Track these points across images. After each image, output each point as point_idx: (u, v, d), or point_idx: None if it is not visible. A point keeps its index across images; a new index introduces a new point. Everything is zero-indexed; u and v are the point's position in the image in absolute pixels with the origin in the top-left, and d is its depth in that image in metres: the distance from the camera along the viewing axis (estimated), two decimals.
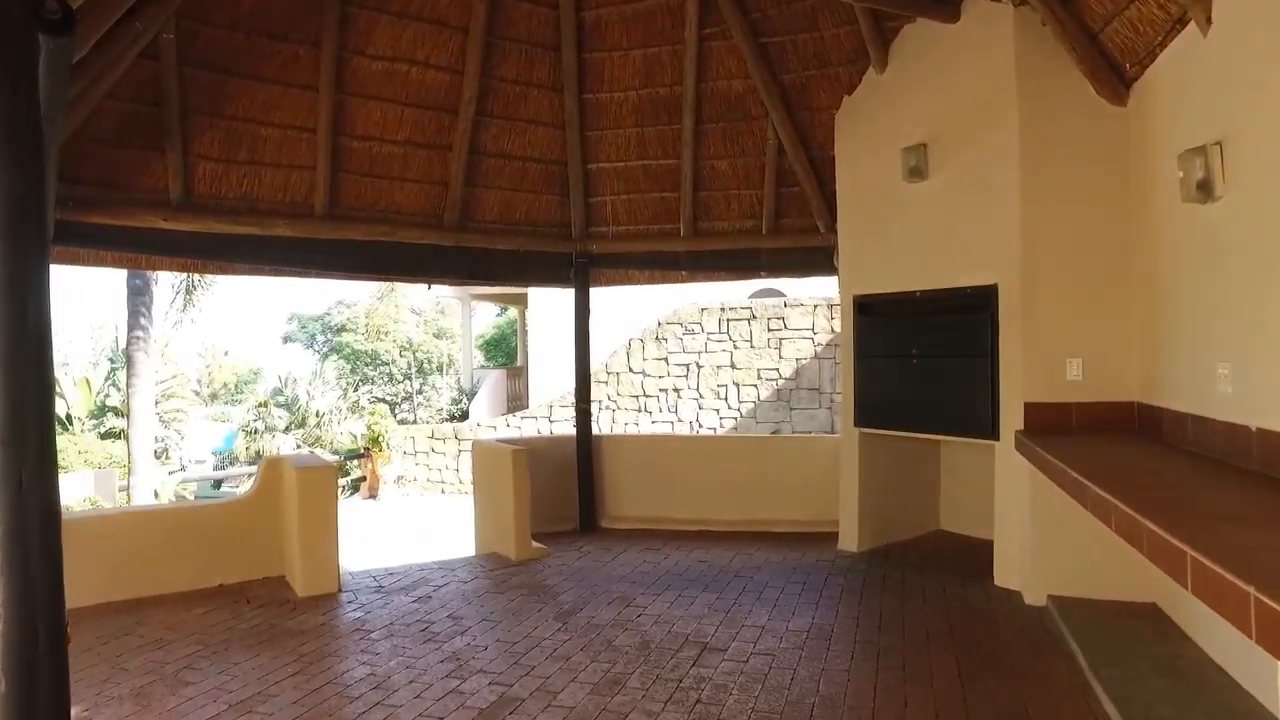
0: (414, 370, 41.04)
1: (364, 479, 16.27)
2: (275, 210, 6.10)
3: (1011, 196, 5.26)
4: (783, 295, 16.50)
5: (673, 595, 5.47)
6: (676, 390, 15.06)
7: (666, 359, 15.15)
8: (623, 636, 4.69)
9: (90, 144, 5.34)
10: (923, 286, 5.93)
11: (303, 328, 49.35)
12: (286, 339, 50.80)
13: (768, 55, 6.61)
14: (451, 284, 8.05)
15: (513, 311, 37.84)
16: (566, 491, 7.54)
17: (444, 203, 6.86)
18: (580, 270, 7.54)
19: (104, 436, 20.24)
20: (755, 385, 14.68)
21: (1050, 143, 5.15)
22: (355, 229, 6.40)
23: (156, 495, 11.31)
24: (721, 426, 14.81)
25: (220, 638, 4.83)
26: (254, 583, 5.91)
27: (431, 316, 43.38)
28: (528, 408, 18.58)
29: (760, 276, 8.36)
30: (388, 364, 40.75)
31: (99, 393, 22.01)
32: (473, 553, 7.34)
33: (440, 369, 39.53)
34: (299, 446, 22.30)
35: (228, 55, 5.59)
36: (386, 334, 39.73)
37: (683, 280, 8.21)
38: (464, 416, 18.81)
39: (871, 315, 6.38)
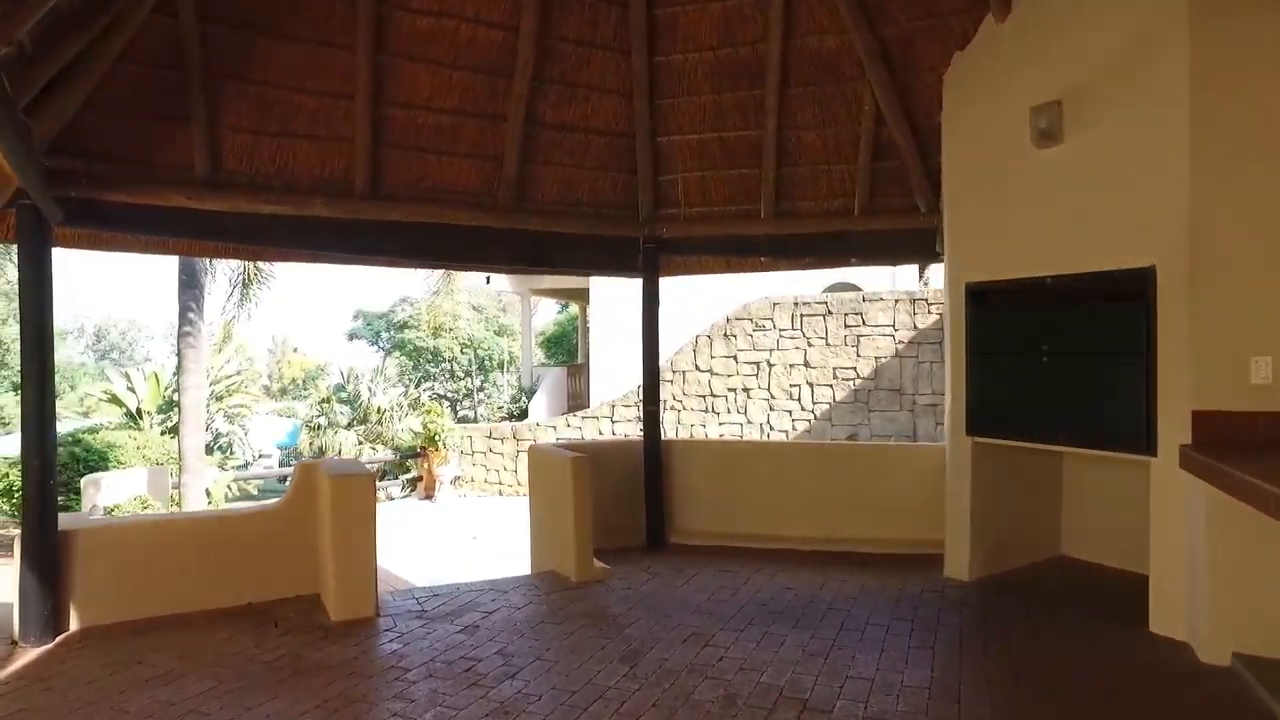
0: (474, 367, 41.00)
1: (420, 479, 15.82)
2: (312, 188, 5.48)
3: (1177, 159, 4.30)
4: (858, 289, 15.49)
5: (757, 632, 4.66)
6: (746, 390, 14.19)
7: (735, 357, 14.30)
8: (703, 687, 3.90)
9: (105, 113, 4.79)
10: (1055, 271, 4.98)
11: (368, 325, 49.94)
12: (352, 335, 51.54)
13: (866, 5, 5.73)
14: (505, 271, 7.34)
15: (574, 307, 37.41)
16: (632, 503, 6.79)
17: (497, 180, 6.16)
18: (649, 256, 6.77)
19: (166, 432, 20.34)
20: (830, 385, 13.72)
21: (1232, 92, 4.17)
22: (399, 209, 5.75)
23: (209, 494, 10.98)
24: (794, 429, 13.89)
25: (239, 671, 4.20)
26: (285, 602, 5.30)
27: (493, 313, 43.33)
28: (588, 407, 17.94)
29: (850, 263, 7.49)
30: (449, 361, 40.82)
31: (167, 387, 22.16)
32: (528, 570, 6.66)
33: (501, 366, 39.36)
34: (360, 443, 22.16)
35: (254, 10, 4.98)
36: (449, 331, 39.75)
37: (762, 269, 7.37)
38: (523, 415, 18.28)
39: (989, 306, 5.45)
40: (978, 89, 5.47)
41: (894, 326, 13.43)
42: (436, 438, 14.80)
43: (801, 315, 13.94)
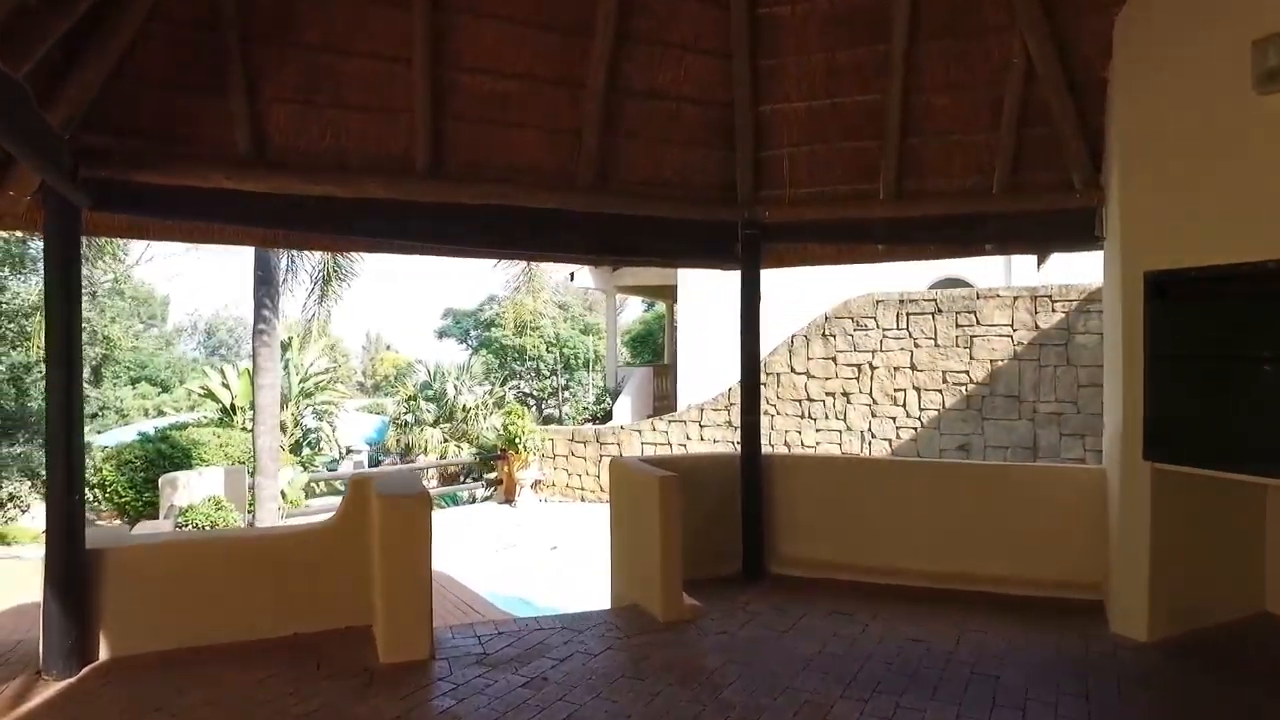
0: (560, 366, 40.83)
1: (500, 482, 15.34)
2: (367, 167, 4.84)
3: None
4: (969, 285, 14.19)
5: (886, 704, 3.75)
6: (845, 394, 13.12)
7: (834, 358, 13.24)
8: None
9: (135, 83, 4.25)
10: None
11: (457, 323, 50.56)
12: (442, 334, 52.31)
13: None
14: (583, 261, 6.56)
15: (660, 306, 36.73)
16: (727, 525, 5.95)
17: (575, 157, 5.40)
18: (749, 244, 5.90)
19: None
20: (939, 391, 12.51)
21: None
22: (464, 190, 5.05)
23: (284, 495, 10.68)
24: (897, 438, 12.74)
25: None
26: (334, 635, 4.68)
27: (578, 312, 43.10)
28: (675, 410, 17.14)
29: (985, 251, 6.43)
30: (534, 359, 40.77)
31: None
32: (607, 599, 5.91)
33: (587, 365, 39.02)
34: (445, 441, 21.98)
35: None
36: (534, 329, 39.69)
37: (878, 258, 6.38)
38: (606, 417, 17.64)
39: (1178, 299, 4.36)
40: (1167, 26, 4.39)
41: (1012, 326, 12.13)
42: (517, 440, 14.26)
43: (908, 313, 12.78)
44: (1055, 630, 4.73)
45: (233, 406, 21.29)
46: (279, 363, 10.53)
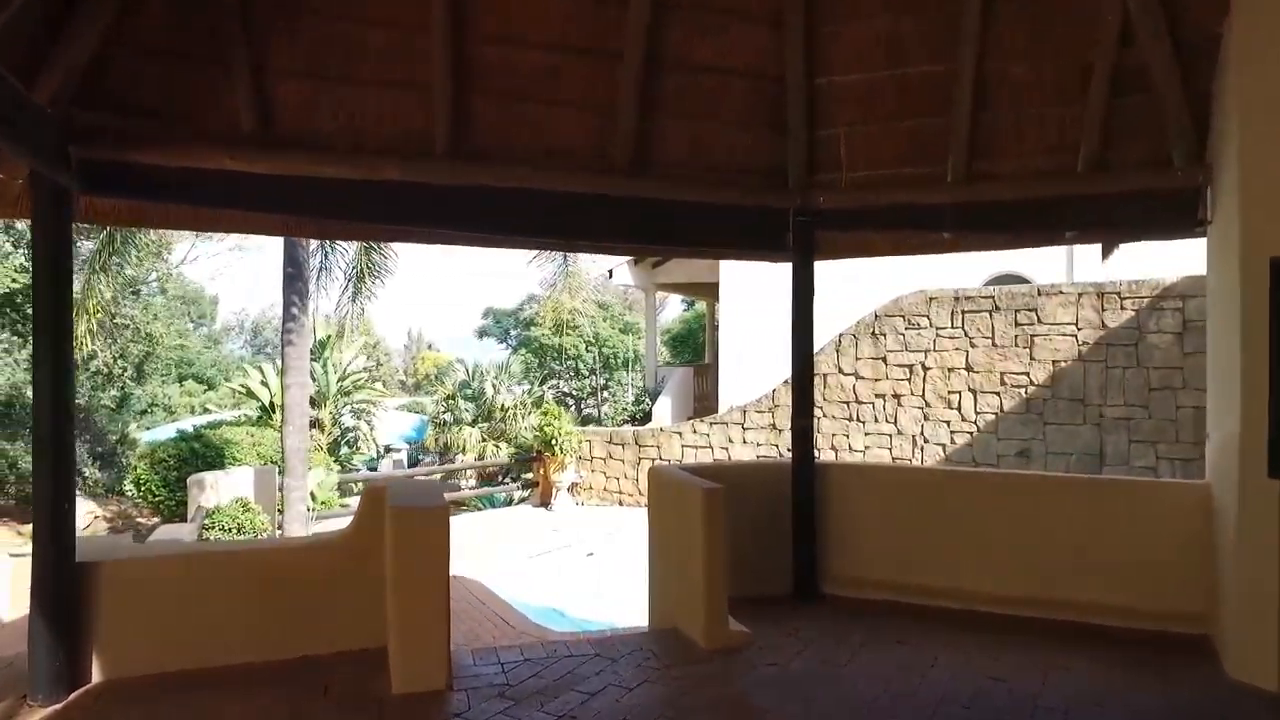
0: (599, 365, 40.50)
1: (536, 484, 14.96)
2: (384, 147, 4.43)
3: None
4: (1027, 281, 13.43)
5: None
6: (896, 396, 12.46)
7: (884, 359, 12.59)
8: None
9: (130, 54, 3.90)
10: None
11: (497, 322, 50.60)
12: (482, 333, 52.43)
13: None
14: (619, 252, 6.05)
15: (701, 304, 36.18)
16: (775, 540, 5.43)
17: (611, 137, 4.92)
18: (801, 233, 5.37)
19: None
20: (997, 393, 11.80)
21: None
22: (489, 172, 4.61)
23: (313, 497, 10.41)
24: (952, 442, 12.06)
25: None
26: (347, 658, 4.27)
27: (618, 311, 42.74)
28: (716, 411, 16.60)
29: (1064, 240, 5.83)
30: (574, 359, 40.52)
31: None
32: (644, 617, 5.43)
33: (626, 365, 38.64)
34: (483, 440, 21.72)
35: None
36: (573, 328, 39.41)
37: (943, 249, 5.79)
38: (645, 418, 17.16)
39: None
40: None
41: (1076, 325, 11.37)
42: (553, 442, 13.85)
43: (963, 311, 12.08)
44: (1156, 670, 4.14)
45: (271, 405, 21.27)
46: (308, 361, 10.25)
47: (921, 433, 12.27)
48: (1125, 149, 4.81)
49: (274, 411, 21.54)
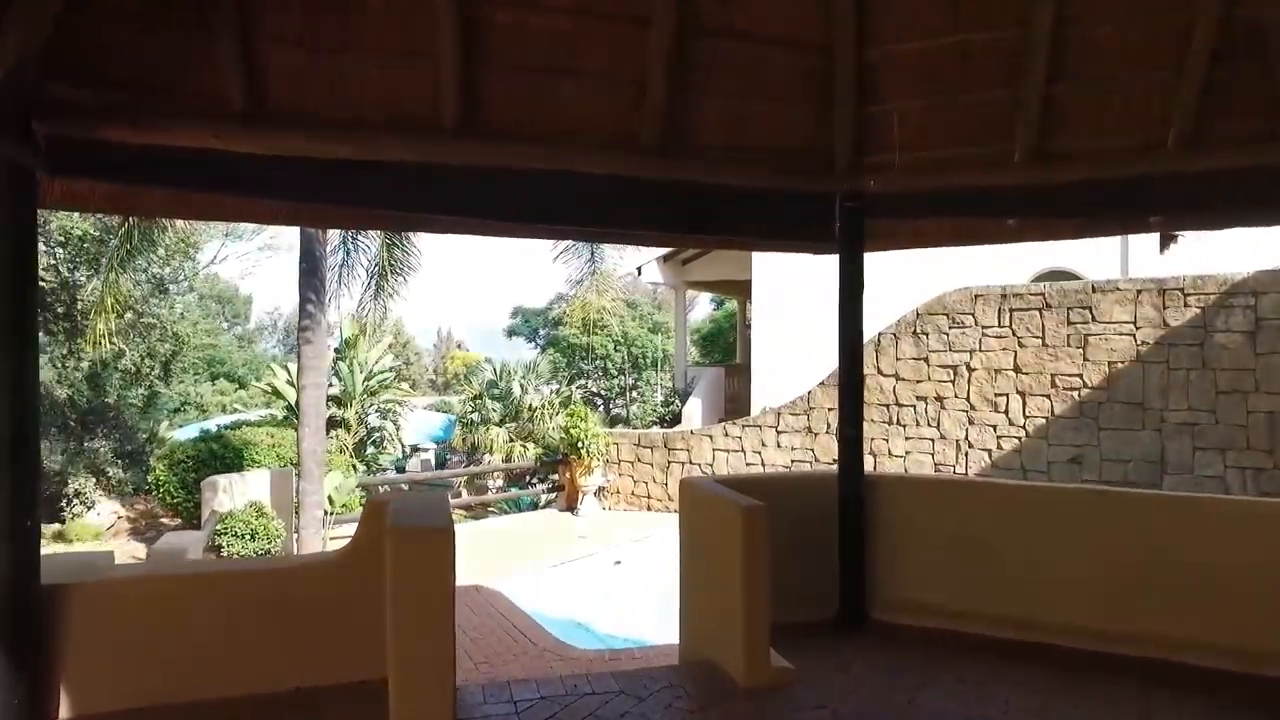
0: (628, 365, 40.10)
1: (562, 488, 14.53)
2: (386, 123, 3.98)
3: None
4: (1078, 277, 12.73)
5: None
6: (939, 399, 11.84)
7: (926, 359, 11.96)
8: None
9: (102, 18, 3.48)
10: None
11: (526, 321, 50.45)
12: (511, 332, 52.34)
13: None
14: (647, 240, 5.52)
15: (731, 304, 35.61)
16: (818, 557, 4.91)
17: (639, 114, 4.42)
18: (849, 221, 4.85)
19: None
20: (1047, 396, 11.13)
21: None
22: (503, 152, 4.14)
23: (331, 501, 10.06)
24: (999, 448, 11.41)
25: None
26: (344, 691, 3.84)
27: (646, 310, 42.33)
28: (748, 413, 16.06)
29: (1148, 226, 5.25)
30: (602, 359, 40.16)
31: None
32: (674, 643, 4.94)
33: (656, 365, 38.22)
34: (510, 440, 21.39)
35: None
36: (601, 327, 39.01)
37: (1007, 237, 5.22)
38: (675, 420, 16.67)
39: None
40: None
41: (1135, 324, 10.66)
42: (580, 445, 13.40)
43: (1011, 309, 11.41)
44: None
45: (296, 404, 21.13)
46: (326, 361, 9.89)
47: (966, 437, 11.63)
48: (1226, 123, 4.22)
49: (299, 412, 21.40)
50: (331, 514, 10.26)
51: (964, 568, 4.77)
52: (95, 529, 13.73)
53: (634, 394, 41.62)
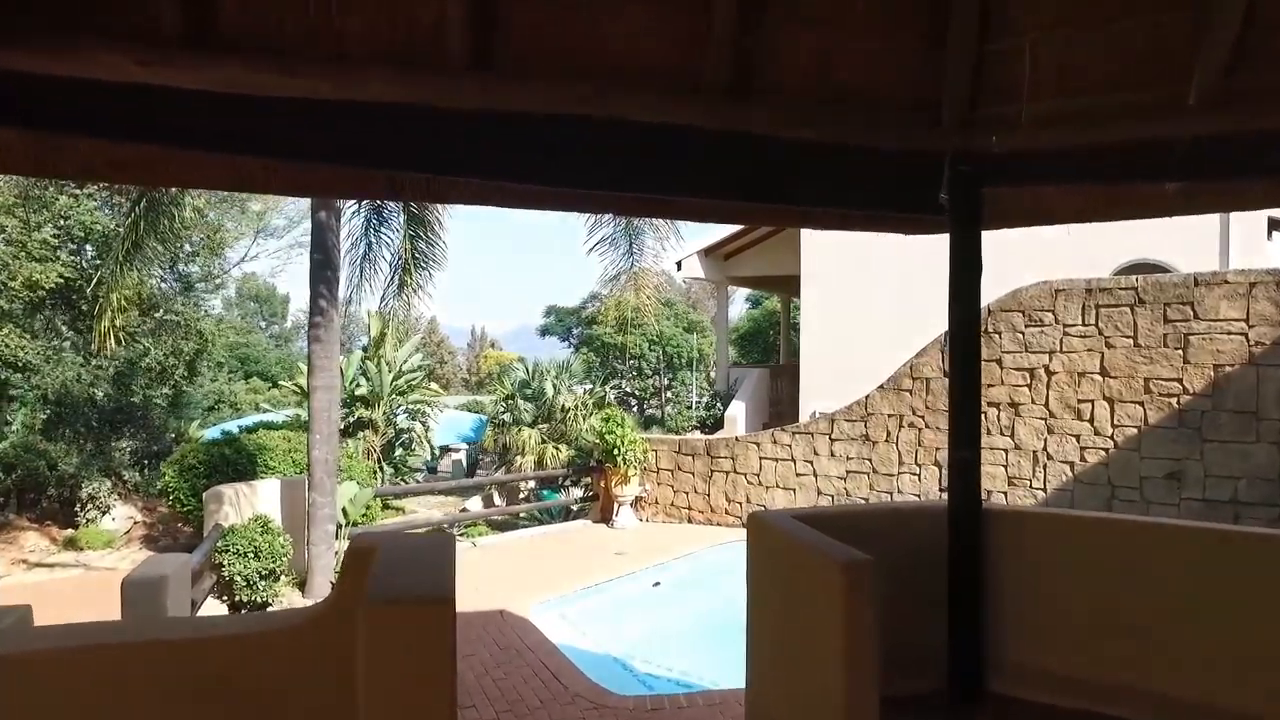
0: (663, 365, 39.17)
1: (595, 497, 13.58)
2: (371, 53, 3.03)
3: None
4: (1166, 269, 11.49)
5: None
6: (1014, 405, 10.68)
7: (999, 361, 10.81)
8: None
9: None
10: None
11: (559, 321, 49.81)
12: (544, 331, 51.78)
13: None
14: (708, 213, 4.34)
15: (771, 302, 34.49)
16: (920, 612, 3.89)
17: (701, 49, 3.43)
18: (963, 188, 3.81)
19: (344, 431, 19.60)
20: (1140, 403, 9.92)
21: None
22: (526, 93, 3.15)
23: (345, 514, 9.22)
24: (1082, 460, 10.22)
25: None
26: None
27: (682, 309, 41.37)
28: (796, 419, 15.00)
29: None
30: (637, 358, 39.29)
31: (351, 380, 21.63)
32: (731, 706, 3.95)
33: (690, 364, 37.27)
34: (543, 442, 20.58)
35: None
36: (636, 327, 38.16)
37: (1162, 209, 4.12)
38: (716, 425, 15.67)
39: None
40: None
41: (1247, 321, 9.42)
42: (616, 451, 12.44)
43: (1097, 305, 10.22)
44: None
45: (307, 407, 20.48)
46: (337, 360, 9.06)
47: (1044, 448, 10.46)
48: None
49: None
50: (345, 529, 9.42)
51: (1114, 631, 3.71)
52: (108, 535, 13.09)
53: (668, 394, 40.67)
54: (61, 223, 16.49)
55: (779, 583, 3.55)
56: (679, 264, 16.74)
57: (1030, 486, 10.51)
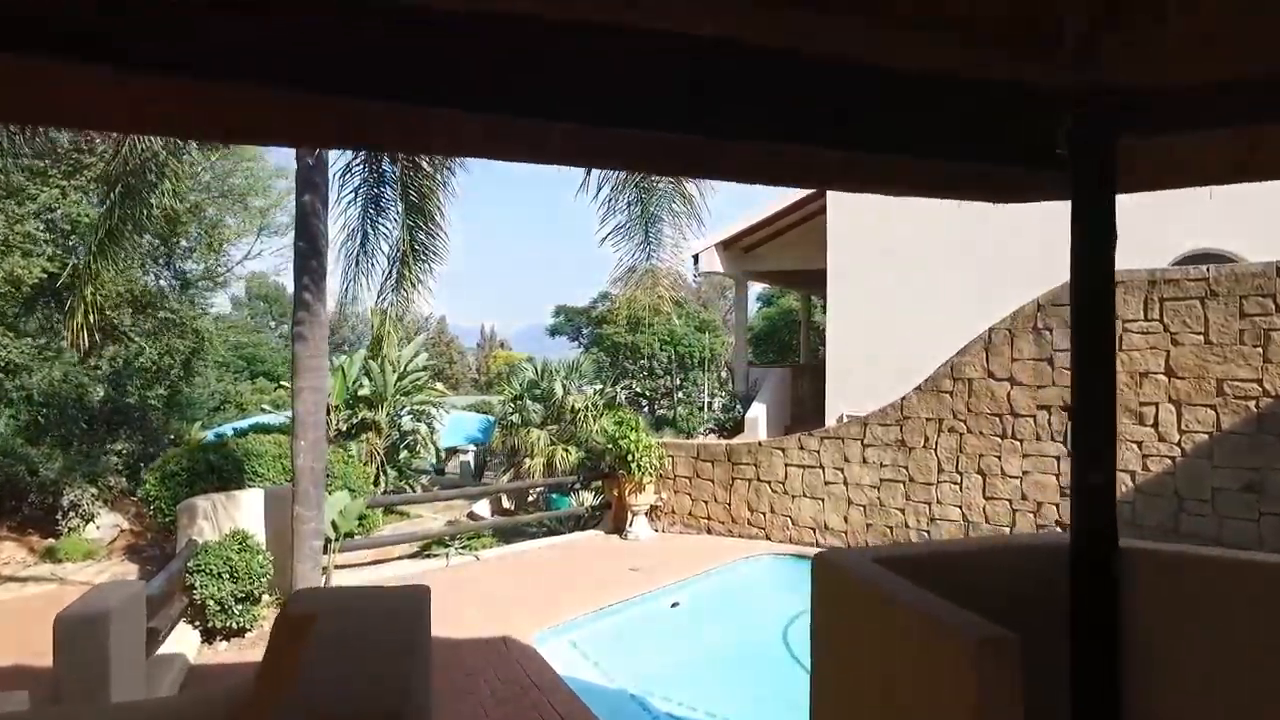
0: (674, 365, 38.32)
1: (608, 505, 12.72)
2: None
3: None
4: (1230, 259, 10.53)
5: None
6: (1066, 408, 9.75)
7: (1049, 360, 9.89)
8: None
9: None
10: None
11: (569, 320, 49.11)
12: (553, 331, 51.14)
13: None
14: (767, 173, 3.35)
15: (787, 299, 33.54)
16: (1034, 672, 2.97)
17: None
18: (1088, 137, 2.90)
19: (346, 433, 18.85)
20: (1212, 406, 8.99)
21: None
22: None
23: (335, 528, 8.38)
24: (1145, 469, 9.29)
25: None
26: None
27: (694, 308, 40.56)
28: (821, 422, 14.10)
29: None
30: (648, 358, 38.49)
31: (353, 381, 20.88)
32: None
33: (703, 365, 36.45)
34: (552, 444, 19.84)
35: None
36: (648, 326, 37.40)
37: None
38: (735, 428, 14.77)
39: None
40: None
41: None
42: (630, 458, 11.58)
43: (1161, 299, 9.29)
44: None
45: (327, 407, 19.75)
46: (325, 360, 8.22)
47: None
48: None
49: (329, 414, 20.02)
50: (335, 545, 8.58)
51: None
52: (89, 545, 12.31)
53: (680, 394, 39.81)
54: (48, 215, 15.77)
55: (863, 646, 2.67)
56: (696, 258, 15.82)
57: None
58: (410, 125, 2.68)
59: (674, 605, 9.07)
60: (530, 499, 19.36)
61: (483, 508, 18.78)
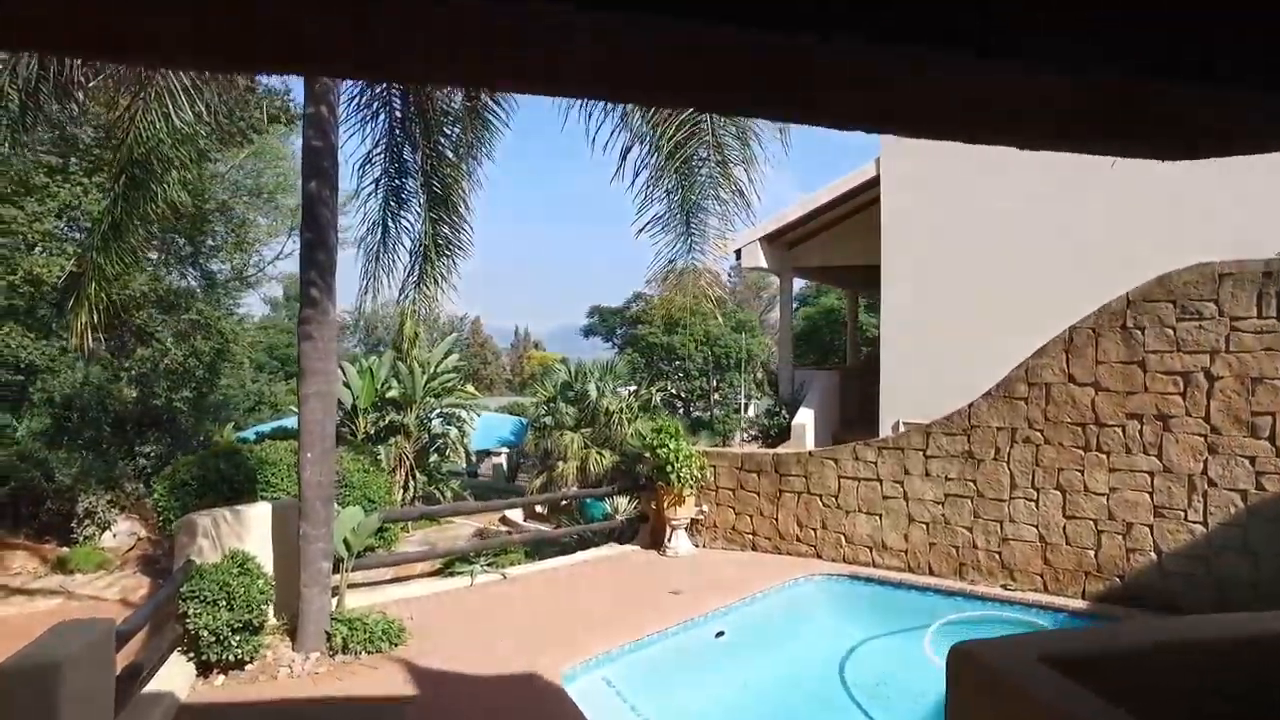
0: (710, 366, 37.35)
1: (645, 518, 11.85)
2: None
3: None
4: None
5: None
6: (1162, 417, 8.64)
7: (1142, 362, 8.79)
8: None
9: None
10: None
11: (603, 321, 48.36)
12: (588, 332, 50.47)
13: None
14: (831, 101, 2.60)
15: (827, 298, 32.35)
16: None
17: None
18: None
19: (374, 435, 18.21)
20: None
21: None
22: None
23: (347, 546, 7.61)
24: (1259, 488, 8.15)
25: None
26: None
27: (730, 308, 39.57)
28: (874, 428, 13.08)
29: None
30: (684, 359, 37.57)
31: (382, 383, 20.26)
32: None
33: (739, 366, 35.46)
34: (586, 447, 19.14)
35: None
36: (683, 327, 36.51)
37: None
38: (781, 435, 13.82)
39: None
40: None
41: None
42: (670, 468, 10.69)
43: (1277, 294, 8.15)
44: None
45: (354, 409, 19.17)
46: (334, 362, 7.45)
47: (1204, 471, 8.41)
48: None
49: (356, 416, 19.42)
50: (348, 561, 7.83)
51: None
52: (102, 555, 11.75)
53: (716, 396, 38.74)
54: (70, 214, 15.35)
55: None
56: (738, 252, 14.86)
57: (1185, 519, 8.48)
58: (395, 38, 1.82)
59: (719, 635, 8.17)
60: (563, 503, 18.62)
61: (515, 512, 18.08)
